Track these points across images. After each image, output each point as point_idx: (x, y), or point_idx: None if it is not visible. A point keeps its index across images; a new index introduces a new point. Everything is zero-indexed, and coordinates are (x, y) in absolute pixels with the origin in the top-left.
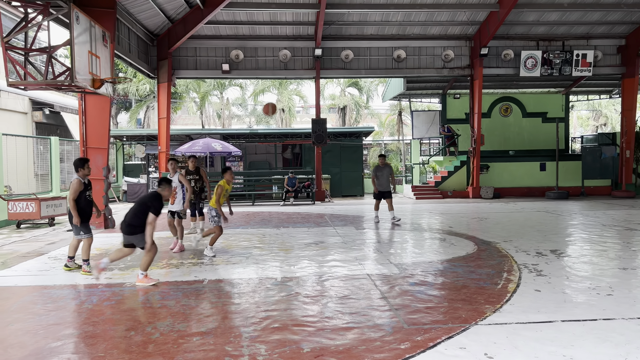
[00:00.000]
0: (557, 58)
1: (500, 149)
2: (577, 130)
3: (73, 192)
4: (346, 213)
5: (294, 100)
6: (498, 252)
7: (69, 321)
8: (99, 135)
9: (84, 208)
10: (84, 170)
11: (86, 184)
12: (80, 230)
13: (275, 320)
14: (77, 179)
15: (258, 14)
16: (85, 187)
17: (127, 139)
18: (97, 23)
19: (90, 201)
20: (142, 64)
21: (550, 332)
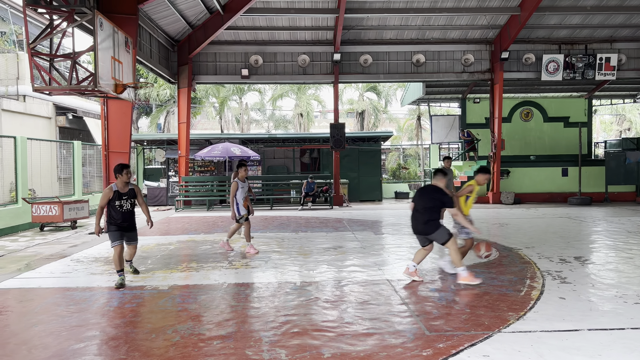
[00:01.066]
0: (579, 62)
1: (521, 154)
2: (600, 135)
3: (101, 199)
4: (364, 218)
5: (312, 105)
6: (520, 258)
7: (91, 323)
8: (121, 139)
9: (114, 216)
10: (121, 176)
11: (121, 193)
12: (109, 238)
13: (295, 324)
14: (109, 186)
15: (277, 19)
16: (119, 196)
17: (148, 144)
18: (120, 29)
19: (125, 212)
20: (162, 69)
21: (576, 340)
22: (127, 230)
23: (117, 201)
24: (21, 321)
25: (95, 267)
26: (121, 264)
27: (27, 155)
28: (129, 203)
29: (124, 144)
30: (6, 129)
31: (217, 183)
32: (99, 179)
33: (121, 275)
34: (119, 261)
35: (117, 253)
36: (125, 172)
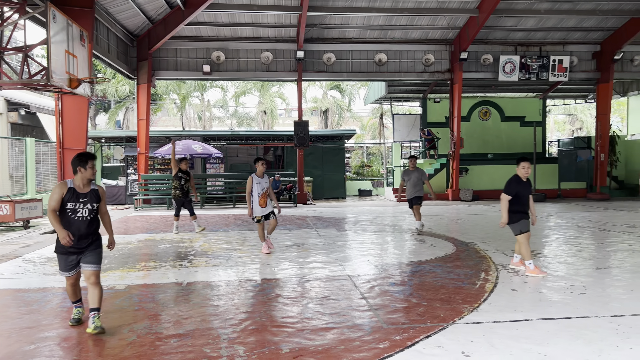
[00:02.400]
0: (534, 63)
1: (479, 152)
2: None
3: (49, 199)
4: (328, 215)
5: (275, 103)
6: (476, 252)
7: (43, 324)
8: (77, 136)
9: (69, 229)
10: (84, 171)
11: (79, 194)
12: (58, 264)
13: (255, 321)
14: (63, 181)
15: (240, 16)
16: (75, 197)
17: (106, 141)
18: (75, 22)
19: (79, 222)
20: (121, 65)
21: (525, 330)
22: (81, 250)
23: (69, 203)
24: None
25: (48, 267)
26: (77, 293)
27: None
28: (87, 209)
29: (80, 141)
30: None
31: None
32: (53, 178)
33: (78, 307)
34: (72, 291)
35: (67, 285)
36: (90, 164)
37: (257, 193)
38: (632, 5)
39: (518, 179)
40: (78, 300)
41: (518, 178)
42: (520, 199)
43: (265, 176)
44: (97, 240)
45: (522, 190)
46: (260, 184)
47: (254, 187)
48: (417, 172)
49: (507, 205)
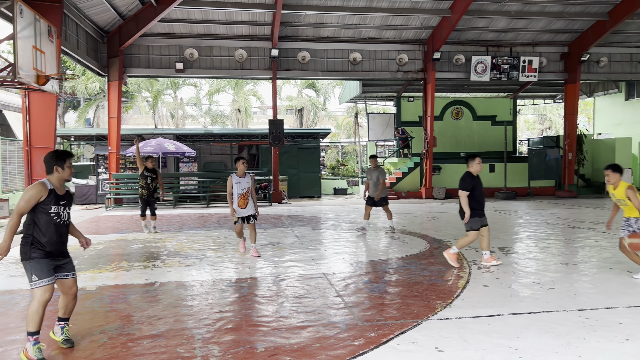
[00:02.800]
0: (505, 63)
1: (452, 151)
2: (524, 133)
3: (24, 201)
4: (303, 214)
5: (250, 101)
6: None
7: (11, 327)
8: (45, 134)
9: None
10: (61, 171)
11: (59, 196)
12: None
13: (230, 321)
14: (40, 182)
15: (213, 13)
16: (56, 200)
17: (75, 139)
18: (43, 17)
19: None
20: (91, 61)
21: (497, 325)
22: (61, 256)
23: (53, 207)
24: None
25: (15, 269)
26: (41, 321)
27: None
28: (66, 213)
29: (48, 139)
30: None
31: None
32: (20, 177)
33: (37, 344)
34: (38, 317)
35: (42, 300)
36: (68, 163)
37: (237, 193)
38: (598, 8)
39: (471, 175)
40: (37, 332)
41: (471, 174)
42: (476, 196)
43: (247, 175)
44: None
45: (477, 185)
46: (240, 184)
47: (233, 187)
48: (376, 171)
49: (467, 200)
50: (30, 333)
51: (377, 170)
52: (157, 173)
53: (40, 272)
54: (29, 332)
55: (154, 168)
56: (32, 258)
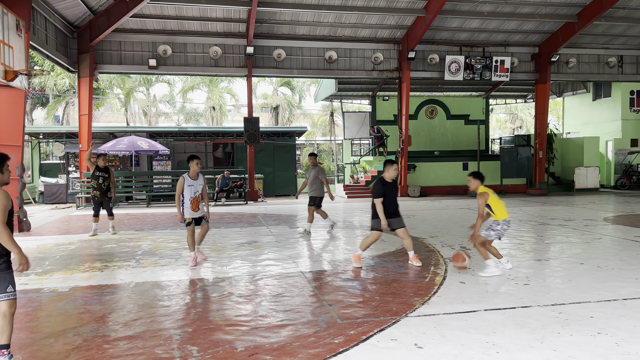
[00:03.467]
0: (478, 63)
1: (426, 150)
2: (496, 132)
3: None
4: (279, 212)
5: (225, 99)
6: (425, 247)
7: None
8: (13, 131)
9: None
10: (1, 176)
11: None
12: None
13: (208, 321)
14: (1, 188)
15: (187, 9)
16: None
17: (44, 137)
18: (10, 11)
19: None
20: (60, 57)
21: (474, 320)
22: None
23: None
24: None
25: None
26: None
27: None
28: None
29: (16, 137)
30: None
31: (122, 179)
32: None
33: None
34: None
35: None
36: (7, 166)
37: (189, 197)
38: (568, 10)
39: (384, 181)
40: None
41: (384, 180)
42: (387, 201)
43: (200, 177)
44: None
45: (388, 191)
46: (193, 186)
47: (185, 189)
48: (314, 170)
49: (382, 207)
50: (4, 346)
51: (314, 169)
52: (109, 172)
53: (15, 283)
54: (3, 345)
55: (106, 167)
56: (9, 268)
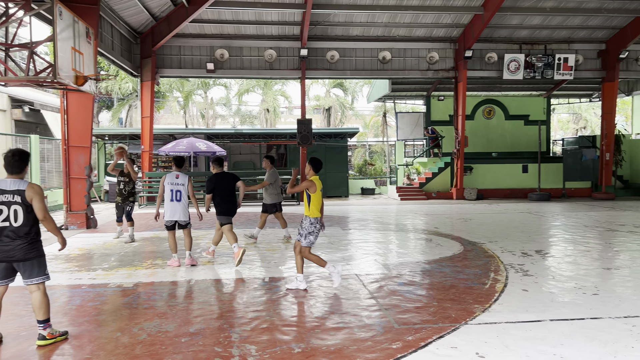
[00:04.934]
0: (539, 61)
1: (483, 151)
2: (558, 133)
3: (44, 204)
4: (331, 214)
5: (278, 101)
6: (484, 252)
7: (52, 322)
8: (81, 133)
9: None
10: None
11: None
12: (46, 267)
13: (265, 320)
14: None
15: (244, 13)
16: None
17: (109, 138)
18: (81, 19)
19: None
20: (125, 62)
21: (539, 331)
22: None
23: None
24: None
25: (55, 264)
26: None
27: None
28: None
29: (84, 138)
30: None
31: None
32: (57, 175)
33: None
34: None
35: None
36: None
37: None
38: (638, 5)
39: (214, 177)
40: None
41: (215, 175)
42: (219, 195)
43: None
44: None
45: (218, 186)
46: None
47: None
48: (268, 173)
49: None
50: (47, 320)
51: (268, 172)
52: (130, 177)
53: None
54: (47, 319)
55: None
56: (44, 254)
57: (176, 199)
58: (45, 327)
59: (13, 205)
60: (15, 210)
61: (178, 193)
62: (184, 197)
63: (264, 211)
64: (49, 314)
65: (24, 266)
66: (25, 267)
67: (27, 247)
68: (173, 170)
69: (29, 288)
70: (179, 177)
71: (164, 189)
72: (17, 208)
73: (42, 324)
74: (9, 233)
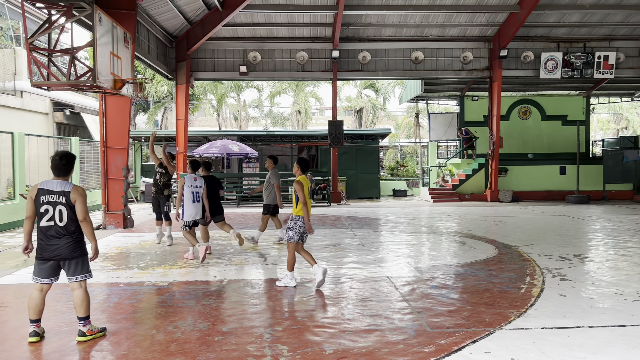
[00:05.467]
0: (578, 60)
1: (518, 152)
2: (598, 133)
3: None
4: (363, 215)
5: (310, 102)
6: (519, 256)
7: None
8: (119, 135)
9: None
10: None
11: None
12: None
13: (296, 321)
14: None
15: (276, 16)
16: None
17: (145, 140)
18: (119, 24)
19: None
20: (160, 66)
21: (577, 337)
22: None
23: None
24: (20, 317)
25: (93, 263)
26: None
27: (24, 151)
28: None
29: (122, 140)
30: (3, 124)
31: None
32: (96, 176)
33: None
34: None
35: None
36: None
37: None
38: None
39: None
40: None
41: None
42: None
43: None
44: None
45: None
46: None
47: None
48: (269, 174)
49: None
50: (88, 317)
51: (269, 173)
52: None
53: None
54: (87, 317)
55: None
56: (87, 253)
57: (197, 200)
58: (85, 324)
59: (58, 206)
60: (60, 210)
61: (198, 194)
62: (202, 198)
63: (266, 213)
64: (89, 311)
65: (69, 264)
66: (70, 265)
67: (73, 245)
68: (189, 174)
69: (72, 285)
70: (197, 179)
71: (183, 191)
72: (61, 208)
73: (82, 320)
74: (54, 232)
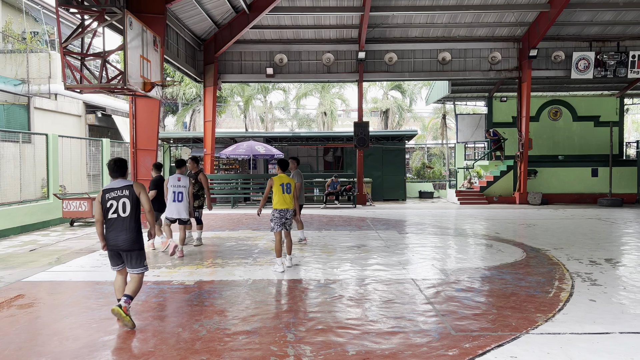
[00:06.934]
0: (611, 59)
1: (548, 154)
2: (632, 134)
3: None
4: (388, 217)
5: (336, 104)
6: (548, 259)
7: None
8: (148, 137)
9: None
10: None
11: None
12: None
13: (320, 322)
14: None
15: (302, 18)
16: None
17: (174, 142)
18: (149, 28)
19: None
20: (189, 68)
21: (607, 344)
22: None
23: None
24: (52, 313)
25: None
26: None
27: (58, 152)
28: (121, 203)
29: (151, 142)
30: (38, 126)
31: (241, 181)
32: None
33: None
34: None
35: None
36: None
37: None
38: None
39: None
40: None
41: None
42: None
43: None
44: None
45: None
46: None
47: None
48: (292, 174)
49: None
50: (132, 297)
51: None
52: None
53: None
54: (131, 297)
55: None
56: (144, 247)
57: (178, 199)
58: (127, 301)
59: (122, 199)
60: (124, 202)
61: (180, 194)
62: (185, 198)
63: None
64: (135, 295)
65: (128, 256)
66: (129, 257)
67: (133, 238)
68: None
69: (131, 275)
70: (181, 179)
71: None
72: (125, 200)
73: (126, 297)
74: (117, 225)
